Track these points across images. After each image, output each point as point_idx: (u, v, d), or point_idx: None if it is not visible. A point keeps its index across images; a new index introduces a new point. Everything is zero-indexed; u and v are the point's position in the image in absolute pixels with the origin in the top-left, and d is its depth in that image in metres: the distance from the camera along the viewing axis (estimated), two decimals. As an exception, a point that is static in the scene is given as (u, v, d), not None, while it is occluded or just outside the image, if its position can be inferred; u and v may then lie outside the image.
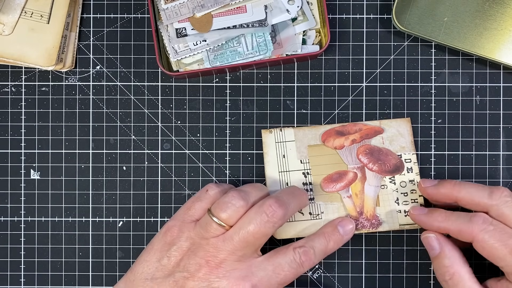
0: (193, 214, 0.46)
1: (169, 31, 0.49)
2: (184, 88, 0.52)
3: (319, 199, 0.49)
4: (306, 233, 0.48)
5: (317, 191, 0.49)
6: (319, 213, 0.49)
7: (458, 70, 0.51)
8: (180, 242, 0.44)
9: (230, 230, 0.44)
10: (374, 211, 0.49)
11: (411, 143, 0.50)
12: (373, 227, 0.49)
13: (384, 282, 0.51)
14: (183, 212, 0.46)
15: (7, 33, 0.50)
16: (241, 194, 0.44)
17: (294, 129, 0.50)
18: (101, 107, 0.52)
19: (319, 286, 0.51)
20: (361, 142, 0.50)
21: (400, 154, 0.50)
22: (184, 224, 0.45)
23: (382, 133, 0.50)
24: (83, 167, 0.51)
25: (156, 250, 0.45)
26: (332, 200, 0.49)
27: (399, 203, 0.49)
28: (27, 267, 0.51)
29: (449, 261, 0.44)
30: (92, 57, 0.52)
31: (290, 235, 0.49)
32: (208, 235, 0.44)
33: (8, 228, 0.51)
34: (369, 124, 0.50)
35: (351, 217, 0.49)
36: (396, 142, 0.50)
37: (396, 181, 0.49)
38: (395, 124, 0.50)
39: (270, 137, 0.50)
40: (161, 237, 0.45)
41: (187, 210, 0.46)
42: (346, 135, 0.50)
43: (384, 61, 0.51)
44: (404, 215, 0.49)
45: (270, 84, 0.51)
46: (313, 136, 0.50)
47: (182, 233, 0.45)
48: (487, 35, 0.49)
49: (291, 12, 0.49)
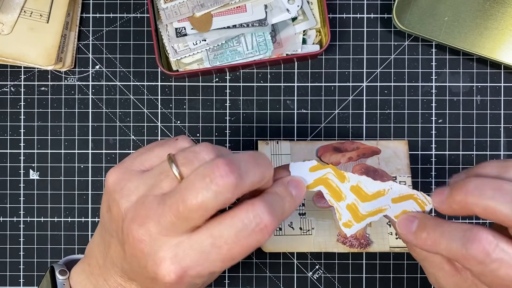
0: (146, 159, 0.35)
1: (168, 31, 0.49)
2: (183, 88, 0.52)
3: (310, 214, 0.49)
4: (295, 247, 0.48)
5: (309, 206, 0.49)
6: (309, 228, 0.49)
7: (459, 70, 0.51)
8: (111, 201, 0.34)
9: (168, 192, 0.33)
10: (364, 231, 0.49)
11: (406, 165, 0.50)
12: (362, 247, 0.48)
13: (385, 283, 0.51)
14: (133, 157, 0.35)
15: (6, 32, 0.49)
16: (215, 150, 0.33)
17: (291, 143, 0.50)
18: (101, 107, 0.51)
19: (319, 286, 0.51)
20: (357, 160, 0.50)
21: (395, 176, 0.49)
22: (126, 172, 0.35)
23: (379, 154, 0.50)
24: (82, 167, 0.51)
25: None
26: (323, 217, 0.49)
27: (390, 225, 0.49)
28: (26, 268, 0.51)
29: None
30: (92, 56, 0.52)
31: (279, 249, 0.49)
32: (154, 191, 0.33)
33: (7, 228, 0.51)
34: (367, 144, 0.50)
35: (340, 234, 0.48)
36: (392, 164, 0.50)
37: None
38: (392, 145, 0.50)
39: (266, 148, 0.50)
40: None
41: (139, 155, 0.35)
42: (343, 152, 0.50)
43: (384, 61, 0.51)
44: (395, 238, 0.49)
45: (270, 84, 0.51)
46: (309, 152, 0.50)
47: (118, 185, 0.34)
48: (488, 34, 0.49)
49: (291, 12, 0.49)
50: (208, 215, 0.32)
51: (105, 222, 0.36)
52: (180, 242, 0.32)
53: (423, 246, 0.35)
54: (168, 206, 0.32)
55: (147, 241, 0.32)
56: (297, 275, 0.51)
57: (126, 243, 0.33)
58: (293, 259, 0.51)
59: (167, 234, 0.32)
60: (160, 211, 0.32)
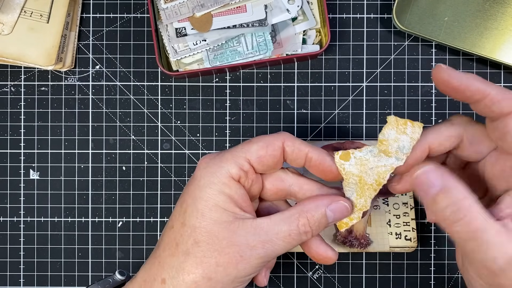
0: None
1: (168, 31, 0.49)
2: (183, 88, 0.52)
3: None
4: (295, 247, 0.48)
5: None
6: None
7: (459, 70, 0.51)
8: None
9: None
10: (364, 231, 0.49)
11: None
12: (362, 246, 0.48)
13: (385, 283, 0.51)
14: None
15: (6, 32, 0.49)
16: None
17: None
18: (101, 107, 0.51)
19: (319, 286, 0.51)
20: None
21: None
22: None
23: None
24: (82, 167, 0.51)
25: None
26: None
27: (390, 225, 0.49)
28: (26, 267, 0.51)
29: (461, 193, 0.34)
30: (92, 56, 0.52)
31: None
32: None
33: (8, 228, 0.51)
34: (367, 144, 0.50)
35: (340, 234, 0.48)
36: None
37: (390, 203, 0.49)
38: None
39: None
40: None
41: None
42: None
43: (384, 61, 0.51)
44: (395, 238, 0.49)
45: (270, 84, 0.51)
46: None
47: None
48: (488, 35, 0.49)
49: (291, 12, 0.49)
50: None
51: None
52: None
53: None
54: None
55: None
56: (297, 275, 0.51)
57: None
58: (293, 259, 0.51)
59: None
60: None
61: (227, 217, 0.37)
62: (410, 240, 0.49)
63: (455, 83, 0.35)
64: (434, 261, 0.51)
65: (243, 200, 0.38)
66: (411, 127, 0.37)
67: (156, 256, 0.38)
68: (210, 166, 0.38)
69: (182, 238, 0.37)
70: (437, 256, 0.51)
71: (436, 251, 0.51)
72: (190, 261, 0.36)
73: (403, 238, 0.49)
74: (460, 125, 0.37)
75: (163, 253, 0.38)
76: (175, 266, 0.37)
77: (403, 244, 0.48)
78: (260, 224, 0.37)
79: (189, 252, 0.36)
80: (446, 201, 0.34)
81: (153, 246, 0.51)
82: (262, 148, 0.38)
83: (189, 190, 0.38)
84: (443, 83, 0.35)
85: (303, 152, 0.39)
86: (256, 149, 0.38)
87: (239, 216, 0.37)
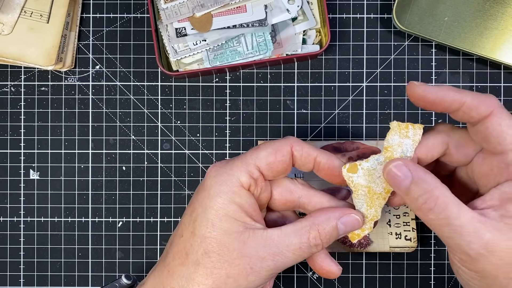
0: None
1: (168, 31, 0.49)
2: (183, 88, 0.52)
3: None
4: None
5: None
6: None
7: (459, 70, 0.51)
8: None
9: None
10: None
11: None
12: (362, 247, 0.48)
13: (385, 283, 0.51)
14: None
15: (6, 32, 0.49)
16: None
17: None
18: (101, 107, 0.51)
19: (319, 286, 0.51)
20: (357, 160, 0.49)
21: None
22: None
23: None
24: (82, 167, 0.51)
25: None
26: None
27: (390, 225, 0.49)
28: (26, 268, 0.51)
29: (428, 184, 0.35)
30: (92, 56, 0.52)
31: None
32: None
33: (8, 228, 0.51)
34: (367, 144, 0.50)
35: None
36: None
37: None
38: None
39: None
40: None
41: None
42: (343, 152, 0.50)
43: (384, 61, 0.51)
44: (395, 238, 0.49)
45: (270, 84, 0.51)
46: None
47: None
48: (488, 34, 0.49)
49: (291, 12, 0.49)
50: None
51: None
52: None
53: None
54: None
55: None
56: (297, 275, 0.51)
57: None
58: (293, 259, 0.51)
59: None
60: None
61: (237, 227, 0.37)
62: (410, 240, 0.49)
63: (431, 97, 0.36)
64: (434, 261, 0.51)
65: (253, 209, 0.38)
66: (413, 130, 0.37)
67: (165, 264, 0.38)
68: (220, 175, 0.38)
69: (192, 248, 0.37)
70: (437, 256, 0.51)
71: (436, 251, 0.51)
72: (200, 271, 0.36)
73: (403, 238, 0.49)
74: (444, 132, 0.38)
75: (172, 262, 0.38)
76: (185, 276, 0.37)
77: (403, 244, 0.48)
78: (270, 235, 0.37)
79: (199, 262, 0.37)
80: (417, 191, 0.35)
81: (153, 246, 0.51)
82: (271, 154, 0.38)
83: (199, 198, 0.38)
84: (419, 98, 0.36)
85: (312, 157, 0.39)
86: (265, 155, 0.38)
87: (249, 225, 0.37)
